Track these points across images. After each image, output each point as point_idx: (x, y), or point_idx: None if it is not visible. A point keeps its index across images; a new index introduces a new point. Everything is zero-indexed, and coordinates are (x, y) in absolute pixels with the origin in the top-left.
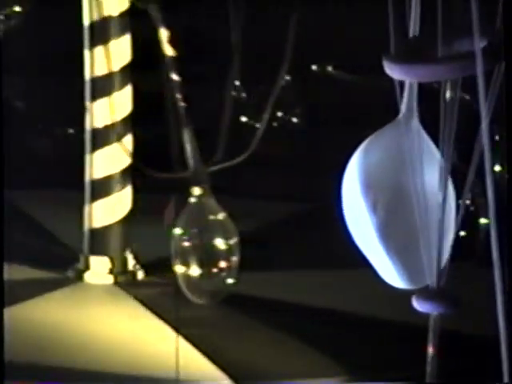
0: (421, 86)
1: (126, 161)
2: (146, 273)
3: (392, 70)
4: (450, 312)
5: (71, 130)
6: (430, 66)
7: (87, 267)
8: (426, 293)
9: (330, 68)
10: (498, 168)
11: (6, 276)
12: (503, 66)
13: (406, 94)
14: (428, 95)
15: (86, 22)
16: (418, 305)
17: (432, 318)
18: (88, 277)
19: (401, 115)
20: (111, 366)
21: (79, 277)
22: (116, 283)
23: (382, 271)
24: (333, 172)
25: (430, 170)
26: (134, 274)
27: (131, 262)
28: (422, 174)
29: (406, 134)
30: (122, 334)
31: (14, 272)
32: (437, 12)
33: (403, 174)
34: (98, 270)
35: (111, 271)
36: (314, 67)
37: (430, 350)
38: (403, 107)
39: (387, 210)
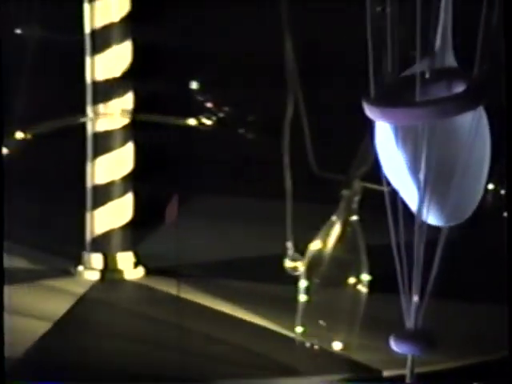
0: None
1: (128, 167)
2: (148, 271)
3: (371, 113)
4: (426, 354)
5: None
6: (409, 110)
7: (89, 265)
8: (402, 334)
9: None
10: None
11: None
12: None
13: (440, 28)
14: None
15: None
16: (395, 345)
17: (409, 358)
18: (89, 275)
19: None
20: (112, 364)
21: (81, 274)
22: (117, 281)
23: (416, 209)
24: None
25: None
26: (135, 272)
27: (133, 260)
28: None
29: (479, 121)
30: (123, 332)
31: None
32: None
33: (460, 158)
34: (100, 267)
35: (112, 269)
36: None
37: None
38: (437, 43)
39: (417, 144)
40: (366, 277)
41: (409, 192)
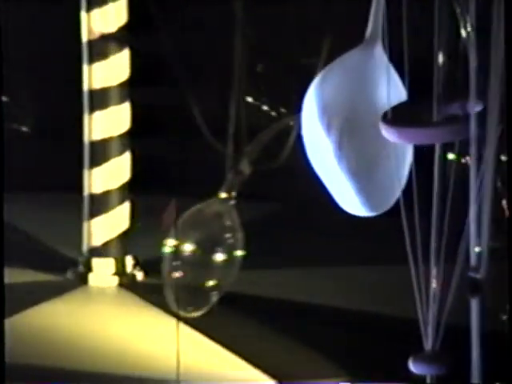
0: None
1: (125, 176)
2: (146, 274)
3: (389, 133)
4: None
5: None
6: (426, 130)
7: (88, 269)
8: (421, 356)
9: None
10: None
11: (6, 280)
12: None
13: (371, 19)
14: None
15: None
16: (413, 367)
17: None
18: (88, 279)
19: (365, 40)
20: (111, 367)
21: (79, 279)
22: (117, 285)
23: (343, 201)
24: None
25: (389, 95)
26: (134, 275)
27: (131, 264)
28: (380, 99)
29: (368, 60)
30: (121, 335)
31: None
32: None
33: (360, 97)
34: (98, 272)
35: (111, 273)
36: None
37: None
38: (367, 32)
39: (342, 131)
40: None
41: (334, 182)
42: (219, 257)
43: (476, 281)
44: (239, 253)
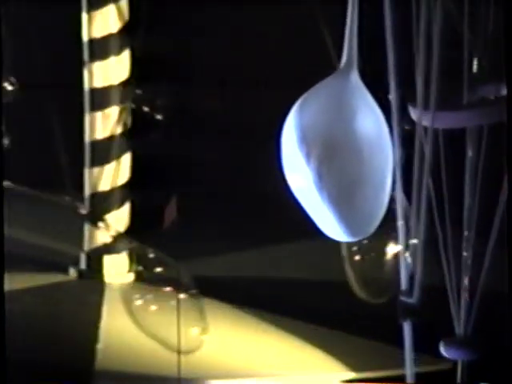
0: (361, 38)
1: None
2: (147, 272)
3: (419, 117)
4: (475, 358)
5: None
6: (456, 113)
7: (89, 266)
8: (453, 340)
9: None
10: None
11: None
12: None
13: (345, 46)
14: None
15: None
16: (445, 351)
17: (459, 363)
18: (89, 276)
19: (340, 68)
20: (113, 364)
21: (80, 276)
22: (119, 282)
23: (324, 227)
24: None
25: (367, 121)
26: (136, 273)
27: (132, 262)
28: (357, 126)
29: (344, 87)
30: (122, 332)
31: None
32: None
33: (338, 124)
34: (100, 269)
35: (113, 270)
36: None
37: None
38: (343, 60)
39: (321, 160)
40: None
41: (315, 208)
42: None
43: (407, 305)
44: None
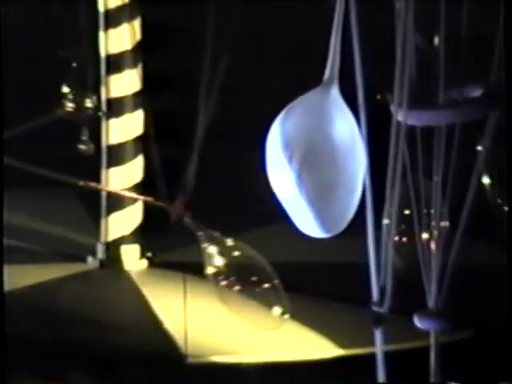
0: (343, 56)
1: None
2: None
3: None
4: (449, 329)
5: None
6: (433, 112)
7: (106, 255)
8: (426, 312)
9: None
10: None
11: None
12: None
13: (328, 62)
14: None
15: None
16: (418, 322)
17: (432, 334)
18: (106, 264)
19: (323, 82)
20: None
21: (101, 265)
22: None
23: (301, 224)
24: None
25: (343, 131)
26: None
27: (144, 250)
28: (335, 134)
29: (325, 99)
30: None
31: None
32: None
33: (318, 133)
34: (118, 257)
35: (127, 258)
36: None
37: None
38: (325, 75)
39: (302, 162)
40: None
41: (294, 207)
42: None
43: (379, 314)
44: None
